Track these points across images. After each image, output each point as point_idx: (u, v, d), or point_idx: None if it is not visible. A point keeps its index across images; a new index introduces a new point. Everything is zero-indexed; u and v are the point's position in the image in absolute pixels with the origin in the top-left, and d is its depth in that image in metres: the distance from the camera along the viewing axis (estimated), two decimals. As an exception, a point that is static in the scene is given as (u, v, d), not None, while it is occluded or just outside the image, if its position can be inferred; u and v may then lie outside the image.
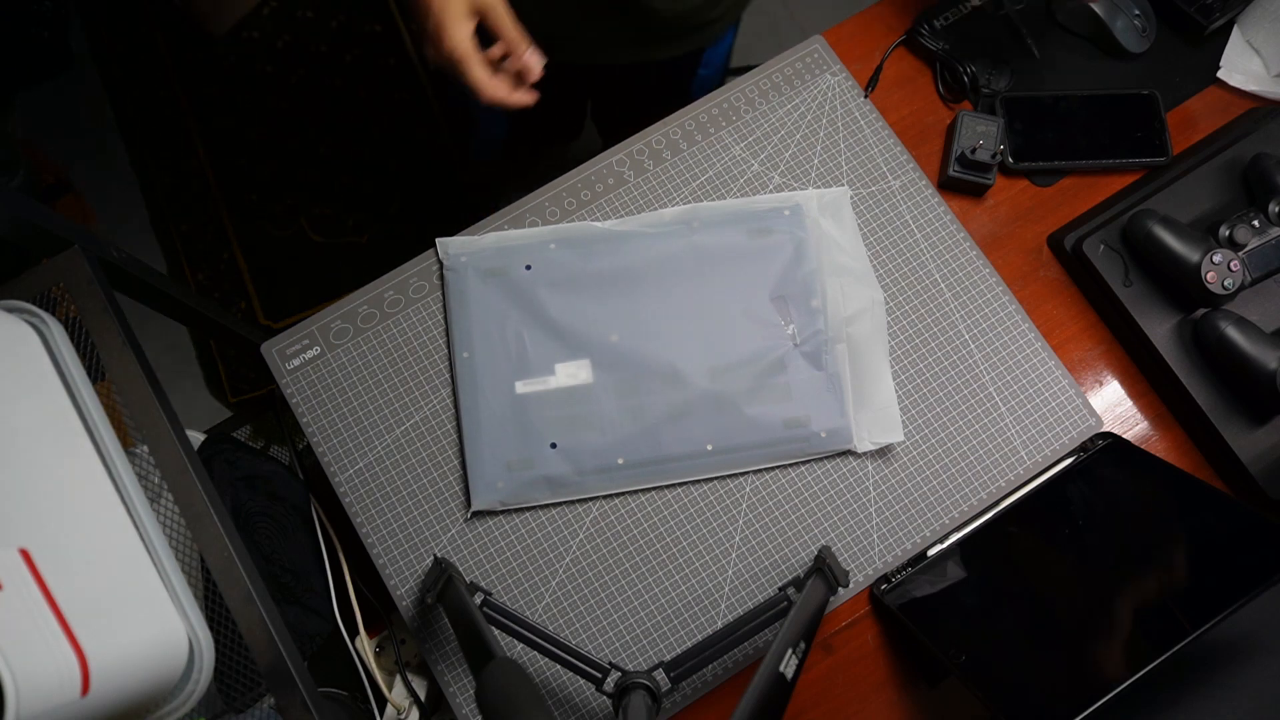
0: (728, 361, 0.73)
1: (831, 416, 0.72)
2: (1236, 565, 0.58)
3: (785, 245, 0.76)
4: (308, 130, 1.77)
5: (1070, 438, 0.74)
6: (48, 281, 0.68)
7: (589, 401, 0.73)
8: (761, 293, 0.75)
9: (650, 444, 0.72)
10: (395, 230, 1.72)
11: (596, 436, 0.72)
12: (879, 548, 0.72)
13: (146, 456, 0.66)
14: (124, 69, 1.84)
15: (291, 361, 0.77)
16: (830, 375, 0.73)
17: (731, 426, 0.72)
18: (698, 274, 0.75)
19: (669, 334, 0.74)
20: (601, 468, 0.72)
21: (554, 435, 0.72)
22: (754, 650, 0.71)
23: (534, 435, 0.72)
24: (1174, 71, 0.84)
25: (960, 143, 0.78)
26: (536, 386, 0.73)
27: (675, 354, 0.73)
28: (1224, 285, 0.71)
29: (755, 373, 0.73)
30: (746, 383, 0.73)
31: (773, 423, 0.72)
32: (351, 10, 1.83)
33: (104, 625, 0.52)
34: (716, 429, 0.72)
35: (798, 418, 0.72)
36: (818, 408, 0.72)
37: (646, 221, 0.78)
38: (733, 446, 0.72)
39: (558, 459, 0.72)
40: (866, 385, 0.73)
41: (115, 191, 1.76)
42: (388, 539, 0.73)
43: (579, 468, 0.71)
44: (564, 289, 0.75)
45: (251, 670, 0.64)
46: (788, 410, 0.72)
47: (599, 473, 0.72)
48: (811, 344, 0.73)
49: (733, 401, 0.72)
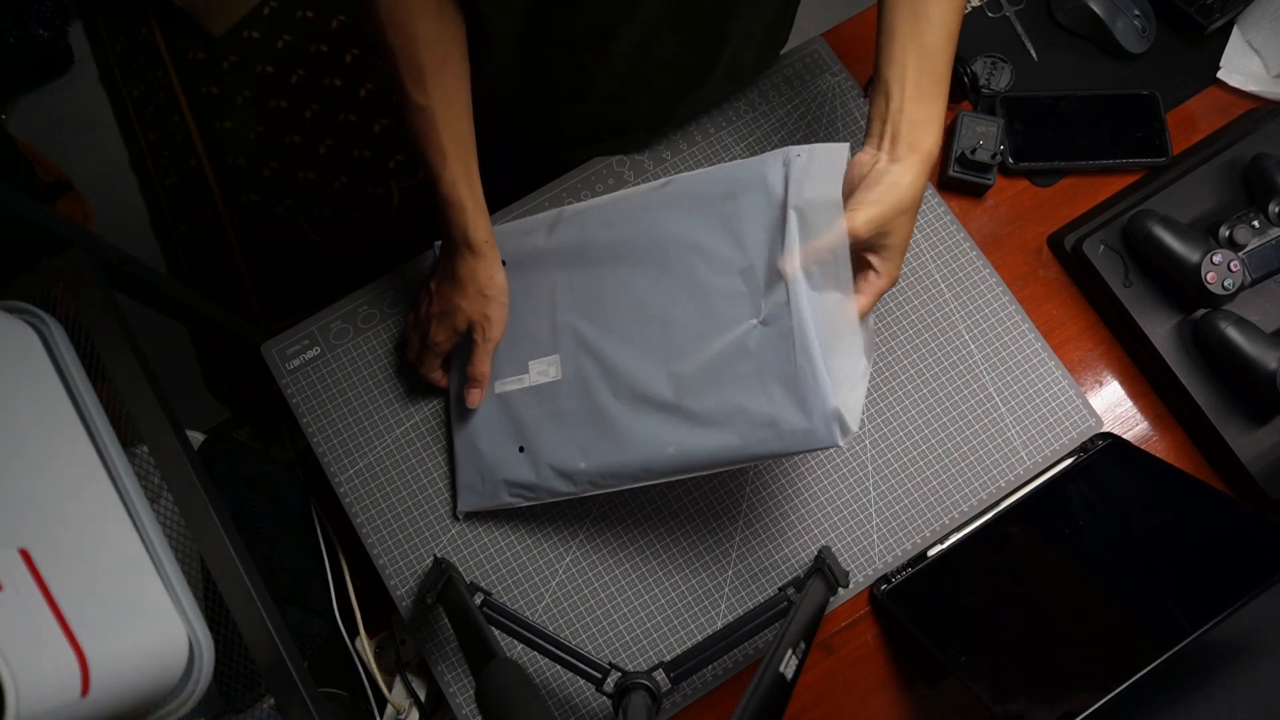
0: (687, 350, 0.64)
1: (799, 410, 0.59)
2: (1236, 565, 0.58)
3: (756, 209, 0.63)
4: (308, 130, 1.77)
5: (1070, 438, 0.74)
6: (48, 281, 0.68)
7: (555, 400, 0.69)
8: (727, 268, 0.64)
9: (611, 446, 0.66)
10: (395, 230, 1.72)
11: (559, 437, 0.68)
12: (879, 548, 0.72)
13: (146, 456, 0.66)
14: (124, 69, 1.84)
15: (291, 361, 0.77)
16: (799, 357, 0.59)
17: (694, 426, 0.63)
18: (659, 252, 0.66)
19: (629, 322, 0.67)
20: (563, 471, 0.68)
21: (522, 438, 0.70)
22: (754, 650, 0.71)
23: (506, 437, 0.70)
24: (1174, 71, 0.84)
25: (960, 143, 0.78)
26: (512, 385, 0.71)
27: (635, 346, 0.66)
28: (1224, 285, 0.71)
29: (717, 362, 0.63)
30: (709, 375, 0.63)
31: (737, 421, 0.62)
32: (351, 10, 1.83)
33: (104, 625, 0.52)
34: (677, 429, 0.64)
35: (765, 415, 0.60)
36: (784, 401, 0.60)
37: (617, 195, 0.71)
38: (695, 449, 0.63)
39: (523, 463, 0.69)
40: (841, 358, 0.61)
41: (115, 191, 1.76)
42: (388, 539, 0.73)
43: (540, 472, 0.69)
44: (533, 272, 0.71)
45: (251, 670, 0.64)
46: (753, 404, 0.61)
47: (561, 476, 0.68)
48: (777, 321, 0.61)
49: (695, 397, 0.63)
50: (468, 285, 0.68)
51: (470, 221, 0.66)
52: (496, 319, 0.69)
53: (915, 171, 0.57)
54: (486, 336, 0.69)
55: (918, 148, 0.57)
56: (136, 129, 1.80)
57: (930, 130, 0.58)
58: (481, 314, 0.69)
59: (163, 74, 1.82)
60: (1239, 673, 0.59)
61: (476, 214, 0.66)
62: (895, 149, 0.58)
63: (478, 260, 0.67)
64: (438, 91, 0.62)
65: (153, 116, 1.80)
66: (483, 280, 0.68)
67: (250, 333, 1.03)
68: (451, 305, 0.69)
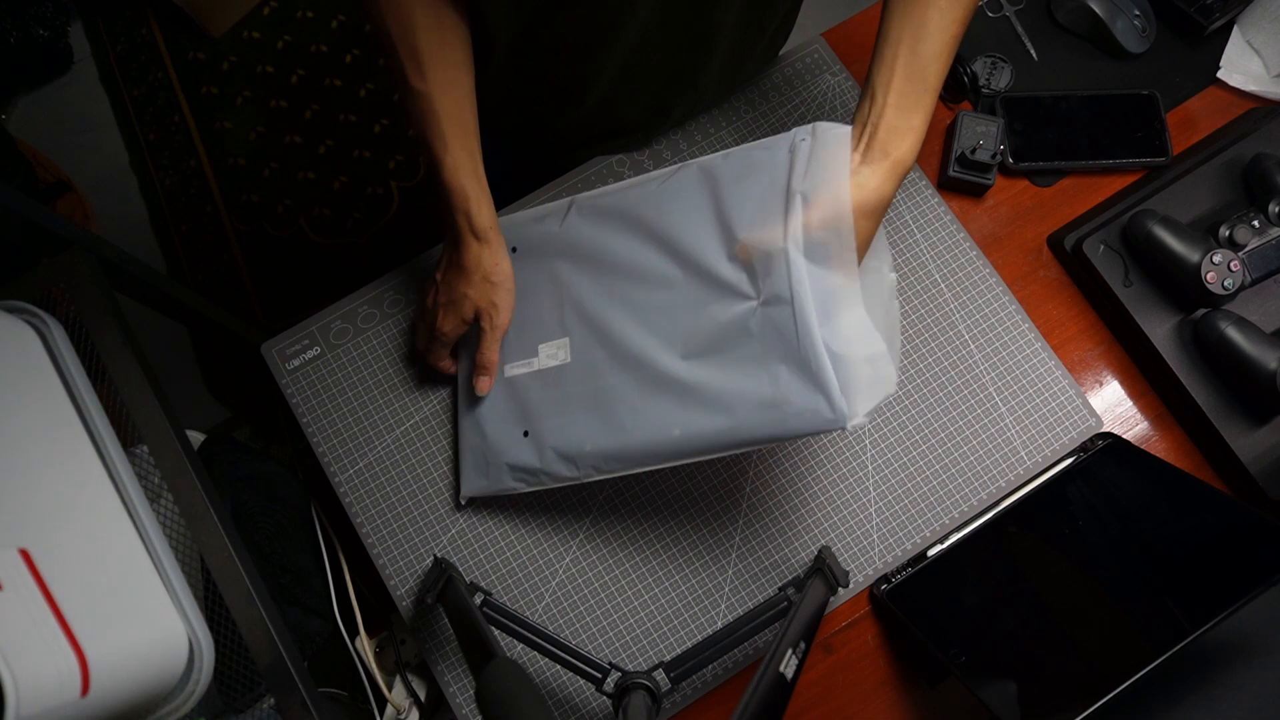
0: (694, 334, 0.63)
1: (802, 391, 0.58)
2: (1236, 565, 0.58)
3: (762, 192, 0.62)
4: (308, 130, 1.77)
5: (1070, 438, 0.74)
6: (48, 281, 0.68)
7: (562, 384, 0.68)
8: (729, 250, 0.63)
9: (616, 428, 0.65)
10: (395, 230, 1.72)
11: (564, 421, 0.67)
12: (879, 548, 0.72)
13: (146, 456, 0.66)
14: (124, 69, 1.84)
15: (291, 361, 0.77)
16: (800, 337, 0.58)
17: (699, 408, 0.62)
18: (668, 235, 0.66)
19: (638, 306, 0.66)
20: (566, 454, 0.66)
21: (527, 422, 0.69)
22: (754, 650, 0.71)
23: (511, 421, 0.69)
24: (1174, 71, 0.84)
25: (960, 143, 0.78)
26: (521, 369, 0.70)
27: (643, 329, 0.65)
28: (1224, 285, 0.71)
29: (722, 345, 0.62)
30: (714, 358, 0.62)
31: (741, 403, 0.60)
32: (351, 10, 1.83)
33: (104, 625, 0.52)
34: (682, 412, 0.62)
35: (769, 397, 0.59)
36: (788, 382, 0.58)
37: (631, 181, 0.71)
38: (700, 431, 0.61)
39: (527, 446, 0.68)
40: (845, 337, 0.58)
41: (115, 191, 1.76)
42: (388, 539, 0.73)
43: (544, 456, 0.67)
44: (544, 258, 0.71)
45: (251, 670, 0.64)
46: (757, 387, 0.60)
47: (564, 460, 0.66)
48: (777, 302, 0.60)
49: (700, 380, 0.62)
50: (473, 273, 0.67)
51: (474, 209, 0.65)
52: (504, 306, 0.69)
53: (882, 177, 0.57)
54: (494, 324, 0.68)
55: (890, 154, 0.57)
56: (136, 129, 1.80)
57: (907, 139, 0.57)
58: (488, 301, 0.68)
59: (163, 74, 1.82)
60: (1239, 673, 0.59)
61: (480, 201, 0.65)
62: (869, 152, 0.58)
63: (483, 248, 0.66)
64: (436, 77, 0.62)
65: (153, 116, 1.80)
66: (488, 268, 0.67)
67: (250, 333, 1.04)
68: (458, 294, 0.68)
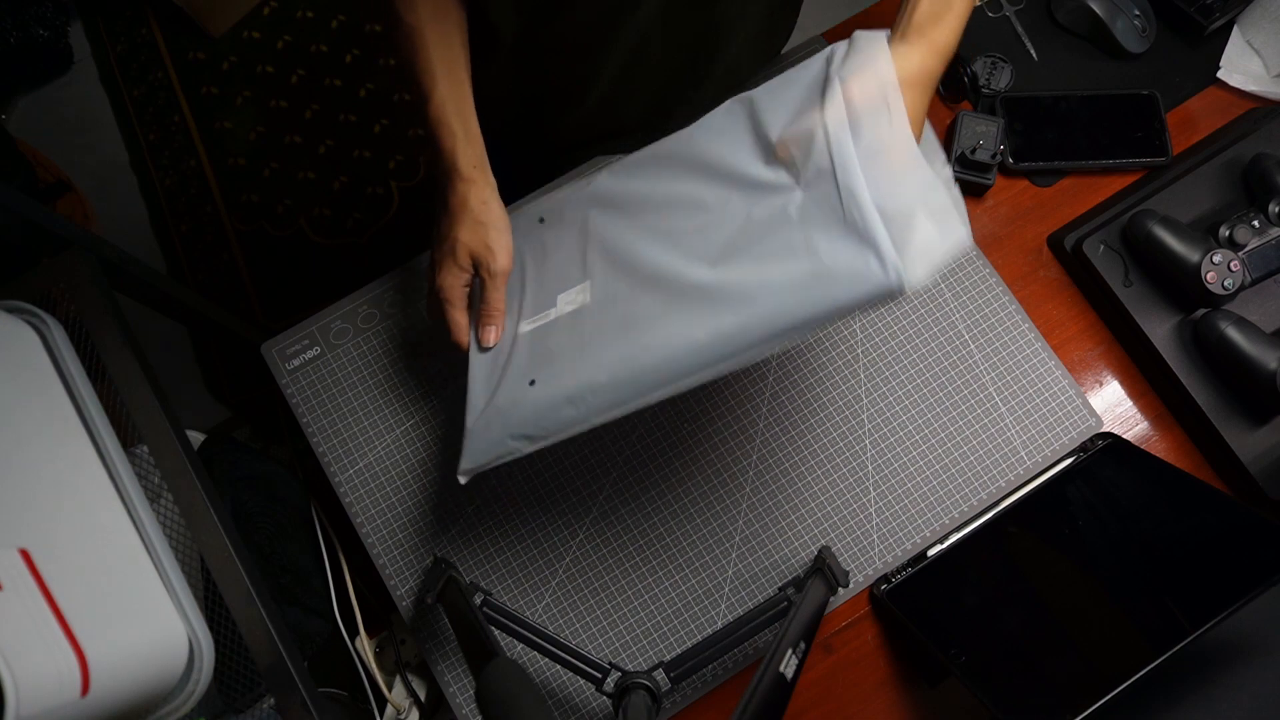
0: (727, 239, 0.58)
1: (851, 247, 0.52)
2: (1236, 565, 0.58)
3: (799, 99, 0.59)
4: (308, 130, 1.77)
5: (1070, 438, 0.74)
6: (48, 281, 0.68)
7: (580, 325, 0.62)
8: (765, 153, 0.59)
9: (636, 349, 0.58)
10: (395, 230, 1.72)
11: (578, 358, 0.60)
12: (879, 548, 0.72)
13: (146, 456, 0.66)
14: (124, 69, 1.84)
15: (291, 361, 0.77)
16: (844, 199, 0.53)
17: (727, 305, 0.56)
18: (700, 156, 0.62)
19: (665, 221, 0.62)
20: (573, 396, 0.59)
21: (535, 371, 0.62)
22: (754, 650, 0.71)
23: (518, 376, 0.63)
24: (1174, 71, 0.84)
25: (960, 143, 0.78)
26: (538, 322, 0.65)
27: (669, 241, 0.61)
28: (1224, 285, 0.71)
29: (758, 242, 0.57)
30: (748, 255, 0.57)
31: (777, 288, 0.54)
32: (351, 10, 1.83)
33: (104, 625, 0.52)
34: (710, 313, 0.56)
35: (808, 272, 0.53)
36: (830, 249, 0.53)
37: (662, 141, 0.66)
38: (726, 330, 0.55)
39: (532, 397, 0.61)
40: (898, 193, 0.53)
41: (115, 191, 1.76)
42: (388, 539, 0.73)
43: (552, 401, 0.60)
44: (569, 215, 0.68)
45: (251, 670, 0.64)
46: (795, 267, 0.54)
47: (569, 403, 0.59)
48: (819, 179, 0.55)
49: (731, 278, 0.56)
50: (461, 214, 0.64)
51: (459, 146, 0.62)
52: (499, 247, 0.65)
53: (923, 52, 0.55)
54: (492, 270, 0.65)
55: (927, 34, 0.56)
56: (136, 129, 1.80)
57: (944, 19, 0.56)
58: (482, 244, 0.64)
59: (163, 74, 1.82)
60: (1239, 673, 0.59)
61: (465, 139, 0.63)
62: (907, 34, 0.56)
63: (468, 186, 0.63)
64: (426, 8, 0.60)
65: (153, 116, 1.80)
66: (475, 206, 0.64)
67: (250, 333, 1.04)
68: (451, 239, 0.64)
